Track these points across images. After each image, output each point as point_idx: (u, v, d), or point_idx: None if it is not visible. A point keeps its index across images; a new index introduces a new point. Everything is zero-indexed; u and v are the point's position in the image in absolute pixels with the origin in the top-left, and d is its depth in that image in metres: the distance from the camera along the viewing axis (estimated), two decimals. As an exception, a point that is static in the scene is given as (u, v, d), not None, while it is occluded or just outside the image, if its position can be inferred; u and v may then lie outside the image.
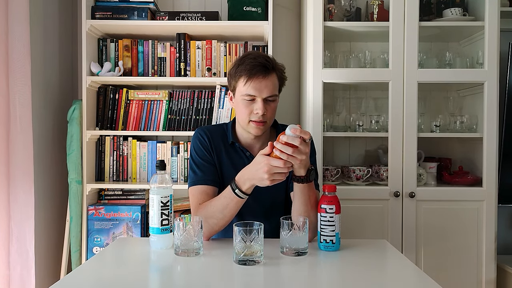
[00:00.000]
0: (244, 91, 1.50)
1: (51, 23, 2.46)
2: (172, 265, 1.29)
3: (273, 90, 1.51)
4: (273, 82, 1.51)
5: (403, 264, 1.30)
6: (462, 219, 2.29)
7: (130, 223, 2.39)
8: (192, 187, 1.57)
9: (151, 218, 1.40)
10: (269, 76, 1.50)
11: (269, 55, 1.56)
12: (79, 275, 1.22)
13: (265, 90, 1.49)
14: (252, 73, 1.47)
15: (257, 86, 1.48)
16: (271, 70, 1.50)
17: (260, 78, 1.48)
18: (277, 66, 1.54)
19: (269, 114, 1.53)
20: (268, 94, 1.50)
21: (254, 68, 1.47)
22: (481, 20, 2.29)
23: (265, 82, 1.48)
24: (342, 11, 2.41)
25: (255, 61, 1.48)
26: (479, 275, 2.29)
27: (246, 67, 1.48)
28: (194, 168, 1.59)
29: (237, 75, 1.51)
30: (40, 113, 2.32)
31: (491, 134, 2.27)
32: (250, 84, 1.48)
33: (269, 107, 1.52)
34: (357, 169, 2.36)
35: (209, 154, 1.60)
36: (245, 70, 1.48)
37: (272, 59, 1.53)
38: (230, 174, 1.51)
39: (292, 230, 1.32)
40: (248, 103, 1.51)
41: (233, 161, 1.60)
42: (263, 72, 1.48)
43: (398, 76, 2.27)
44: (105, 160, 2.48)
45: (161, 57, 2.48)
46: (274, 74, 1.52)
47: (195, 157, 1.60)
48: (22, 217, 2.14)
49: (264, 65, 1.48)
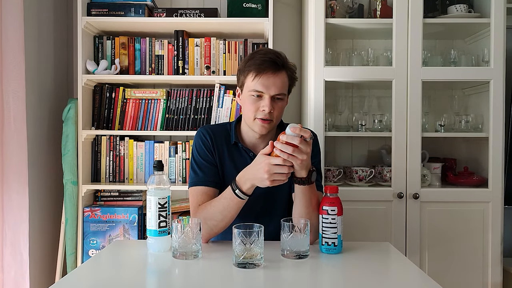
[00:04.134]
0: (252, 86, 1.48)
1: (46, 20, 2.44)
2: (170, 268, 1.28)
3: (282, 88, 1.49)
4: (282, 80, 1.49)
5: (407, 268, 1.30)
6: (468, 221, 2.27)
7: (127, 225, 2.37)
8: (192, 188, 1.55)
9: (149, 220, 1.39)
10: (278, 73, 1.47)
11: (281, 53, 1.53)
12: (75, 278, 1.21)
13: (273, 87, 1.47)
14: (261, 68, 1.46)
15: (265, 82, 1.46)
16: (281, 68, 1.49)
17: (269, 74, 1.46)
18: (288, 65, 1.52)
19: (276, 113, 1.50)
20: (276, 92, 1.47)
21: (264, 63, 1.46)
22: (487, 17, 2.28)
23: (273, 79, 1.46)
24: (344, 7, 2.40)
25: (265, 57, 1.46)
26: (484, 278, 2.27)
27: (256, 62, 1.46)
28: (195, 168, 1.57)
29: (246, 70, 1.50)
30: (34, 112, 2.30)
31: (497, 134, 2.25)
32: (259, 80, 1.46)
33: (276, 106, 1.49)
34: (360, 169, 2.35)
35: (211, 154, 1.57)
36: (254, 65, 1.46)
37: (284, 57, 1.51)
38: (232, 175, 1.48)
39: (293, 232, 1.31)
40: (255, 99, 1.49)
41: (236, 161, 1.58)
42: (273, 68, 1.46)
43: (402, 74, 2.26)
44: (101, 160, 2.45)
45: (159, 55, 2.46)
46: (284, 72, 1.50)
47: (197, 157, 1.58)
48: (16, 219, 2.13)
49: (274, 61, 1.46)
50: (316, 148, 1.63)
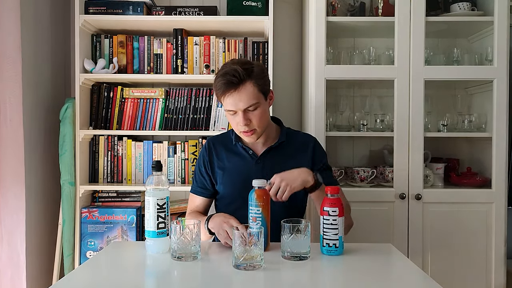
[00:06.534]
0: (225, 106, 1.58)
1: (43, 18, 2.42)
2: (168, 270, 1.29)
3: (250, 100, 1.53)
4: (248, 92, 1.53)
5: (409, 269, 1.30)
6: (470, 222, 2.26)
7: (125, 226, 2.35)
8: (190, 193, 1.78)
9: (147, 221, 1.39)
10: (240, 89, 1.52)
11: (237, 68, 1.52)
12: (72, 280, 1.21)
13: (240, 103, 1.53)
14: (222, 91, 1.53)
15: (231, 101, 1.53)
16: (241, 82, 1.52)
17: (232, 92, 1.52)
18: (251, 73, 1.53)
19: (255, 122, 1.57)
20: (245, 106, 1.53)
21: (223, 86, 1.52)
22: (490, 15, 2.26)
23: (238, 96, 1.52)
24: (345, 5, 2.38)
25: (222, 79, 1.52)
26: (488, 280, 2.26)
27: (217, 85, 1.54)
28: (194, 176, 1.78)
29: (215, 93, 1.59)
30: (31, 112, 2.28)
31: (500, 134, 2.24)
32: (226, 100, 1.55)
33: (252, 116, 1.56)
34: (361, 170, 2.34)
35: (204, 166, 1.72)
36: (217, 89, 1.55)
37: (244, 68, 1.53)
38: (233, 174, 1.66)
39: (293, 233, 1.31)
40: (232, 116, 1.58)
41: (236, 160, 1.69)
42: (233, 87, 1.52)
43: (404, 73, 2.25)
44: (99, 160, 2.43)
45: (157, 53, 2.44)
46: (247, 84, 1.53)
47: (196, 167, 1.77)
48: (13, 220, 2.13)
49: (230, 82, 1.51)
50: (320, 151, 1.73)
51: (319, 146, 1.74)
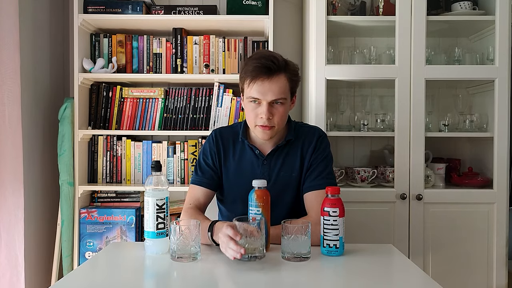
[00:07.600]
0: (249, 93, 1.48)
1: (41, 17, 2.41)
2: (168, 271, 1.28)
3: (280, 93, 1.46)
4: (280, 84, 1.46)
5: (410, 270, 1.29)
6: (472, 222, 2.26)
7: (124, 226, 2.34)
8: (190, 185, 1.64)
9: (146, 222, 1.39)
10: (274, 78, 1.45)
11: (277, 55, 1.49)
12: (71, 281, 1.21)
13: (269, 93, 1.45)
14: (254, 75, 1.45)
15: (261, 89, 1.45)
16: (277, 71, 1.46)
17: (264, 80, 1.44)
18: (287, 66, 1.49)
19: (276, 119, 1.49)
20: (273, 97, 1.46)
21: (256, 69, 1.44)
22: (492, 14, 2.26)
23: (269, 85, 1.44)
24: (346, 4, 2.37)
25: (258, 62, 1.44)
26: (489, 281, 2.26)
27: (249, 68, 1.46)
28: (197, 167, 1.65)
29: (242, 77, 1.50)
30: (30, 111, 2.27)
31: (502, 134, 2.24)
32: (253, 86, 1.45)
33: (276, 111, 1.48)
34: (362, 170, 2.34)
35: (212, 157, 1.62)
36: (248, 72, 1.46)
37: (281, 59, 1.48)
38: (238, 174, 1.59)
39: (293, 234, 1.30)
40: (253, 106, 1.49)
41: (241, 158, 1.61)
42: (267, 73, 1.44)
43: (405, 73, 2.24)
44: (98, 161, 2.42)
45: (157, 53, 2.44)
46: (281, 75, 1.47)
47: (201, 157, 1.66)
48: (11, 221, 2.11)
49: (267, 67, 1.44)
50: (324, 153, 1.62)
51: (320, 141, 1.63)
